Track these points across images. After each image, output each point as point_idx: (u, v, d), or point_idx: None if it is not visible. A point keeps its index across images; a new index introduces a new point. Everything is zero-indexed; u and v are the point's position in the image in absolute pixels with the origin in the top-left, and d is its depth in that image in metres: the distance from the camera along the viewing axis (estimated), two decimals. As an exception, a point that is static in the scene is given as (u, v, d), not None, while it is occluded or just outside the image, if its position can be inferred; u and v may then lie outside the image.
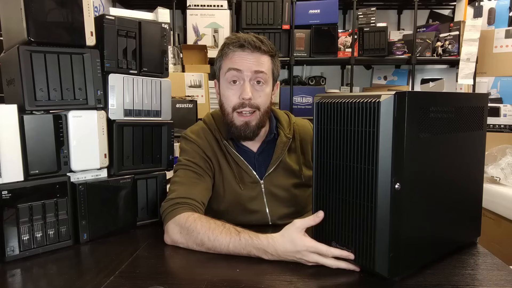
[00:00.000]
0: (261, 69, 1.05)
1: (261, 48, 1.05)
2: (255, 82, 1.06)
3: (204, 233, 0.90)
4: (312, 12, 2.65)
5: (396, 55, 2.68)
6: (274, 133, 1.16)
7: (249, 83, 1.05)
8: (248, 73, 1.04)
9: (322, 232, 0.83)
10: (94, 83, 0.97)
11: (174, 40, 2.72)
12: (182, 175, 1.07)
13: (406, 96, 0.69)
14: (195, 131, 1.15)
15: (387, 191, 0.70)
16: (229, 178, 1.11)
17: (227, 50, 1.07)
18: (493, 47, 2.55)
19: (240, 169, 1.11)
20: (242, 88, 1.05)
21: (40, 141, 0.90)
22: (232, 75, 1.06)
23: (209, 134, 1.14)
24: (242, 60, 1.05)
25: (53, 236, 0.92)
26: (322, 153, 0.81)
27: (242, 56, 1.05)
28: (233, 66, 1.05)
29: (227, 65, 1.07)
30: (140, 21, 1.06)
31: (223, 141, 1.12)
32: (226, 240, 0.88)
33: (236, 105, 1.06)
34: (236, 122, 1.07)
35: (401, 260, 0.73)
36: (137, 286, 0.74)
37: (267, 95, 1.09)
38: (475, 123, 0.87)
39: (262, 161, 1.14)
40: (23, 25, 0.87)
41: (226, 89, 1.08)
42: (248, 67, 1.04)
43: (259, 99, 1.06)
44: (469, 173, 0.89)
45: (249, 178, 1.11)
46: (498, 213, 1.94)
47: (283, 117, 1.21)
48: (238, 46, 1.05)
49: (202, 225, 0.91)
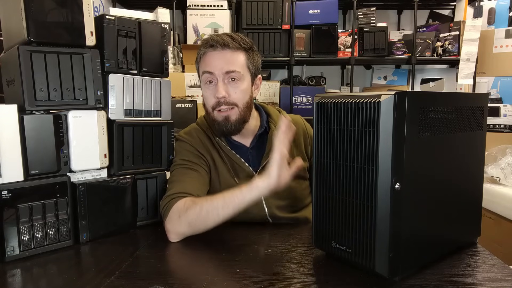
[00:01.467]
0: (232, 68, 1.07)
1: (229, 45, 1.06)
2: (229, 79, 1.08)
3: (202, 200, 0.96)
4: (312, 12, 2.64)
5: (396, 55, 2.68)
6: (265, 126, 1.18)
7: (222, 82, 1.07)
8: (219, 72, 1.06)
9: (322, 232, 0.83)
10: (94, 83, 0.98)
11: (174, 40, 2.72)
12: (177, 173, 1.09)
13: (406, 96, 0.69)
14: (187, 132, 1.20)
15: (387, 191, 0.70)
16: (224, 173, 1.13)
17: (200, 51, 1.11)
18: (493, 47, 2.55)
19: (234, 164, 1.14)
20: (216, 88, 1.08)
21: (40, 141, 0.90)
22: (206, 77, 1.09)
23: (201, 133, 1.17)
24: (212, 61, 1.07)
25: (53, 236, 0.92)
26: (322, 153, 0.81)
27: (213, 56, 1.07)
28: (206, 69, 1.08)
29: (201, 68, 1.11)
30: (140, 21, 1.06)
31: (215, 138, 1.15)
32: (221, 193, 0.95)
33: (214, 104, 1.09)
34: (217, 118, 1.10)
35: (401, 260, 0.73)
36: (137, 286, 0.74)
37: (244, 91, 1.10)
38: (475, 123, 0.87)
39: (255, 155, 1.17)
40: (23, 25, 0.87)
41: (204, 90, 1.12)
42: (220, 68, 1.06)
43: (235, 96, 1.08)
44: (469, 173, 0.89)
45: (243, 172, 1.13)
46: (498, 213, 1.94)
47: (274, 112, 1.24)
48: (208, 46, 1.08)
49: (200, 198, 0.98)
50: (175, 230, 0.96)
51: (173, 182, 1.07)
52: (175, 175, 1.09)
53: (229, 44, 1.06)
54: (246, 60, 1.10)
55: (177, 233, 0.97)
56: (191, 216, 0.94)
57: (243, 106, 1.10)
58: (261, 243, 0.97)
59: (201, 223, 0.94)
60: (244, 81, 1.10)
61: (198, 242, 0.96)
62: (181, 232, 0.96)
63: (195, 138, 1.16)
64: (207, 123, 1.17)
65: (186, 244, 0.97)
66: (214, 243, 0.96)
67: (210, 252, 0.91)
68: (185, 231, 0.96)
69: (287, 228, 1.08)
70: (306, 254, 0.88)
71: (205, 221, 0.94)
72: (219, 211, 0.93)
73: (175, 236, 0.97)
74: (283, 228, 1.08)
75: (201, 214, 0.93)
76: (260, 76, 1.18)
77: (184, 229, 0.96)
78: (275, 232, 1.05)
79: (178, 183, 1.05)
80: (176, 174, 1.09)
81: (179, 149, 1.15)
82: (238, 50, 1.08)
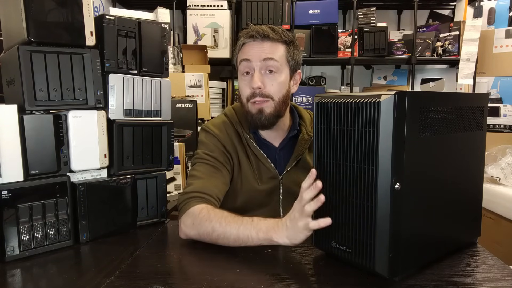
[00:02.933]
0: (270, 56, 1.04)
1: (269, 36, 1.05)
2: (266, 71, 1.06)
3: (217, 220, 0.91)
4: (312, 12, 2.65)
5: (396, 55, 2.68)
6: (297, 129, 1.16)
7: (259, 72, 1.05)
8: (257, 62, 1.05)
9: (322, 232, 0.83)
10: (94, 83, 0.97)
11: (174, 40, 2.72)
12: (199, 169, 1.07)
13: (406, 96, 0.69)
14: (216, 124, 1.15)
15: (387, 191, 0.70)
16: (247, 173, 1.11)
17: (239, 42, 1.10)
18: (493, 47, 2.55)
19: (259, 163, 1.12)
20: (252, 78, 1.06)
21: (40, 141, 0.90)
22: (244, 66, 1.08)
23: (230, 127, 1.14)
24: (251, 49, 1.06)
25: (53, 236, 0.92)
26: (322, 153, 0.81)
27: (252, 46, 1.06)
28: (243, 56, 1.07)
29: (239, 57, 1.10)
30: (140, 21, 1.06)
31: (244, 134, 1.12)
32: (238, 222, 0.90)
33: (249, 95, 1.07)
34: (251, 110, 1.07)
35: (401, 260, 0.73)
36: (137, 286, 0.74)
37: (281, 84, 1.07)
38: (475, 123, 0.87)
39: (282, 156, 1.14)
40: (23, 25, 0.87)
41: (240, 81, 1.10)
42: (257, 56, 1.05)
43: (271, 88, 1.06)
44: (469, 173, 0.89)
45: (268, 172, 1.12)
46: (498, 213, 1.94)
47: (306, 115, 1.20)
48: (248, 37, 1.07)
49: (216, 213, 0.93)
50: (186, 233, 0.96)
51: (194, 177, 1.05)
52: (198, 170, 1.07)
53: (270, 35, 1.05)
54: (285, 52, 1.08)
55: (186, 235, 0.96)
56: (202, 231, 0.93)
57: (279, 100, 1.07)
58: (261, 243, 0.97)
59: (210, 240, 0.93)
60: (282, 73, 1.07)
61: (198, 242, 0.96)
62: (190, 236, 0.96)
63: (223, 132, 1.12)
64: (237, 117, 1.14)
65: (186, 244, 0.97)
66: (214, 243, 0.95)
67: (210, 252, 0.91)
68: (194, 238, 0.96)
69: (287, 228, 1.08)
70: (306, 254, 0.88)
71: (214, 242, 0.93)
72: (230, 241, 0.90)
73: (185, 236, 0.97)
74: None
75: (212, 235, 0.92)
76: (299, 72, 1.15)
77: (193, 236, 0.96)
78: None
79: (198, 179, 1.04)
80: (199, 169, 1.07)
81: (206, 141, 1.12)
82: (278, 42, 1.06)
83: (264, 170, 1.11)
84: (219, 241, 0.91)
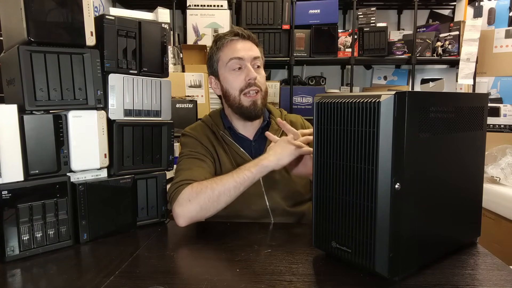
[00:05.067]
0: (257, 54, 1.20)
1: (250, 36, 1.21)
2: (255, 66, 1.19)
3: (212, 182, 1.01)
4: (312, 12, 2.64)
5: (396, 55, 2.68)
6: (267, 120, 1.28)
7: (252, 67, 1.18)
8: (249, 59, 1.18)
9: (322, 232, 0.83)
10: (94, 83, 0.97)
11: (174, 40, 2.72)
12: (184, 163, 1.14)
13: (406, 96, 0.69)
14: (193, 127, 1.27)
15: (387, 191, 0.70)
16: (227, 167, 1.17)
17: (223, 41, 1.20)
18: (493, 47, 2.55)
19: (237, 156, 1.19)
20: (246, 71, 1.17)
21: (40, 141, 0.90)
22: (236, 63, 1.18)
23: (206, 128, 1.24)
24: (241, 48, 1.18)
25: (53, 236, 0.92)
26: (322, 153, 0.81)
27: (240, 44, 1.18)
28: (235, 55, 1.17)
29: (227, 55, 1.18)
30: (140, 21, 1.06)
31: (219, 132, 1.21)
32: (229, 174, 1.01)
33: (243, 86, 1.17)
34: (245, 103, 1.18)
35: (401, 260, 0.73)
36: (137, 286, 0.74)
37: (264, 78, 1.23)
38: (475, 123, 0.87)
39: (258, 147, 1.22)
40: (23, 25, 0.87)
41: (230, 76, 1.19)
42: (249, 55, 1.18)
43: (261, 80, 1.20)
44: (469, 173, 0.89)
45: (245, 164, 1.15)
46: (498, 213, 1.94)
47: (274, 109, 1.33)
48: (233, 35, 1.19)
49: (208, 181, 1.03)
50: (184, 214, 0.99)
51: (181, 170, 1.11)
52: (183, 164, 1.13)
53: (252, 37, 1.21)
54: (261, 53, 1.23)
55: (186, 217, 1.00)
56: (202, 199, 0.98)
57: (265, 91, 1.21)
58: (261, 243, 0.97)
59: (212, 205, 0.99)
60: (262, 69, 1.23)
61: (198, 242, 0.96)
62: (191, 215, 1.00)
63: (199, 133, 1.22)
64: (212, 120, 1.25)
65: (186, 244, 0.97)
66: (214, 243, 0.96)
67: (210, 252, 0.91)
68: (195, 214, 1.00)
69: (287, 228, 1.08)
70: (306, 254, 0.88)
71: (217, 202, 0.99)
72: (231, 192, 0.99)
73: (184, 220, 1.00)
74: (283, 228, 1.08)
75: (213, 196, 0.98)
76: None
77: (195, 212, 0.99)
78: (275, 232, 1.05)
79: (185, 171, 1.10)
80: (184, 163, 1.13)
81: (186, 142, 1.21)
82: (254, 43, 1.22)
83: (241, 161, 1.17)
84: (221, 198, 0.98)
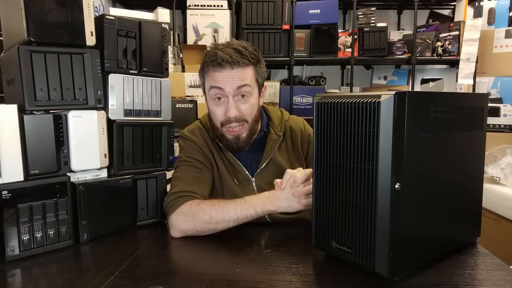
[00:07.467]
0: (243, 83, 1.04)
1: (239, 62, 1.03)
2: (239, 96, 1.06)
3: (211, 209, 0.96)
4: (312, 12, 2.64)
5: (396, 55, 2.68)
6: (264, 131, 1.17)
7: (233, 99, 1.05)
8: (231, 90, 1.04)
9: (322, 232, 0.83)
10: (94, 83, 0.97)
11: (174, 40, 2.72)
12: (182, 170, 1.10)
13: (406, 96, 0.69)
14: (191, 130, 1.19)
15: (387, 191, 0.70)
16: (225, 174, 1.14)
17: (206, 68, 1.06)
18: (493, 47, 2.54)
19: (232, 166, 1.15)
20: (227, 106, 1.05)
21: (40, 141, 0.90)
22: (215, 93, 1.06)
23: (204, 132, 1.17)
24: (222, 79, 1.04)
25: (53, 236, 0.92)
26: (322, 153, 0.81)
27: (222, 74, 1.03)
28: (215, 84, 1.05)
29: (209, 83, 1.07)
30: (140, 21, 1.06)
31: (215, 140, 1.15)
32: (233, 205, 0.96)
33: (223, 121, 1.08)
34: (227, 136, 1.10)
35: (401, 260, 0.73)
36: (137, 286, 0.74)
37: (253, 105, 1.09)
38: (475, 123, 0.87)
39: (253, 159, 1.16)
40: (23, 25, 0.87)
41: (211, 105, 1.10)
42: (231, 85, 1.03)
43: (245, 112, 1.07)
44: (469, 173, 0.89)
45: (241, 176, 1.14)
46: (498, 213, 1.93)
47: (275, 114, 1.21)
48: (217, 65, 1.03)
49: (207, 204, 0.97)
50: (179, 229, 0.98)
51: (178, 178, 1.08)
52: (180, 171, 1.10)
53: (239, 62, 1.02)
54: (255, 73, 1.08)
55: (181, 231, 0.98)
56: (198, 223, 0.96)
57: (252, 121, 1.10)
58: (261, 243, 0.97)
59: (208, 230, 0.97)
60: (252, 95, 1.08)
61: (198, 242, 0.96)
62: (185, 232, 0.98)
63: (198, 137, 1.16)
64: (210, 124, 1.16)
65: (186, 244, 0.97)
66: (214, 243, 0.96)
67: (210, 252, 0.91)
68: (190, 233, 0.98)
69: (287, 228, 1.08)
70: (306, 254, 0.88)
71: (214, 229, 0.97)
72: (230, 224, 0.96)
73: (178, 234, 0.99)
74: (283, 228, 1.08)
75: (210, 224, 0.96)
76: (266, 85, 1.17)
77: (190, 232, 0.98)
78: (275, 232, 1.05)
79: (182, 180, 1.06)
80: (181, 171, 1.10)
81: (184, 146, 1.16)
82: (247, 66, 1.05)
83: (238, 173, 1.15)
84: (218, 226, 0.96)
